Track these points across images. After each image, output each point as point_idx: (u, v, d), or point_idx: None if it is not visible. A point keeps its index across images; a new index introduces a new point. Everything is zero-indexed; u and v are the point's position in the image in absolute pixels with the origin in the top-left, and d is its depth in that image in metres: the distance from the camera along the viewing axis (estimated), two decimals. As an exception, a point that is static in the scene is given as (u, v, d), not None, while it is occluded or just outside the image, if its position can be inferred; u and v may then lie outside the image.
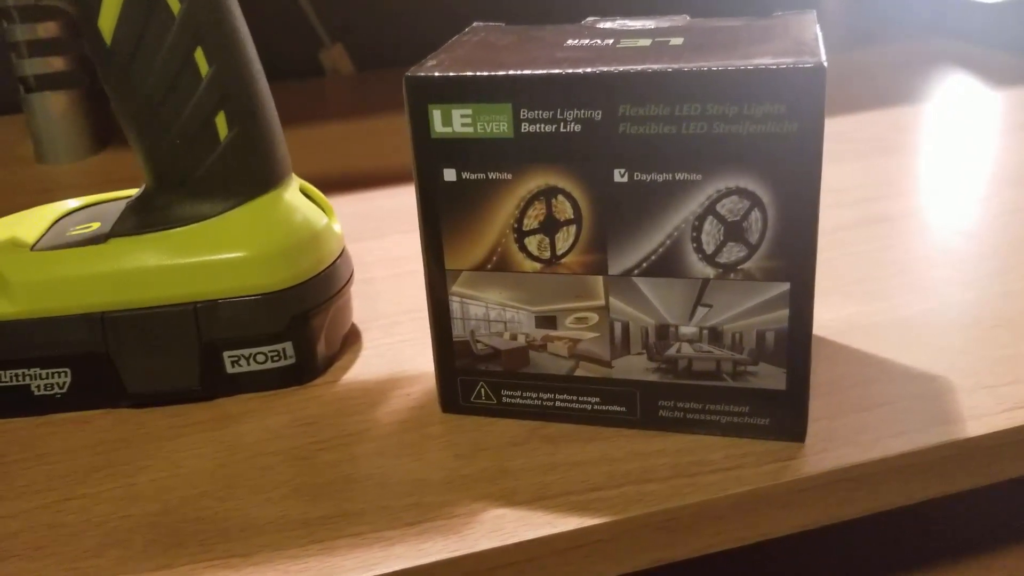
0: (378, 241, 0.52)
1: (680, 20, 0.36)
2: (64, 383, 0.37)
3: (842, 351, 0.38)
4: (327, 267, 0.38)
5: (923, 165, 0.58)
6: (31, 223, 0.39)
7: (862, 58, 0.84)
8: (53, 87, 0.68)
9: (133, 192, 0.41)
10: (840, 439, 0.33)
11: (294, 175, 0.40)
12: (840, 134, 0.65)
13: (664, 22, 0.35)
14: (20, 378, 0.37)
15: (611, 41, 0.33)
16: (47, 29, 0.67)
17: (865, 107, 0.70)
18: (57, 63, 0.68)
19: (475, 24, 0.38)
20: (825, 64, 0.28)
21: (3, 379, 0.37)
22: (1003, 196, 0.52)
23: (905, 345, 0.38)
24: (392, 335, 0.42)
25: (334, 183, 0.62)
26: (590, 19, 0.37)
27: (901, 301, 0.42)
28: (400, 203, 0.58)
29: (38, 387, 0.37)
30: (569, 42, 0.34)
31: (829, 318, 0.40)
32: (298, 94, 0.85)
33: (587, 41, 0.34)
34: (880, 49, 0.86)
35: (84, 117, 0.70)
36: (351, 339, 0.42)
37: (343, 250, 0.40)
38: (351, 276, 0.40)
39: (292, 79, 0.88)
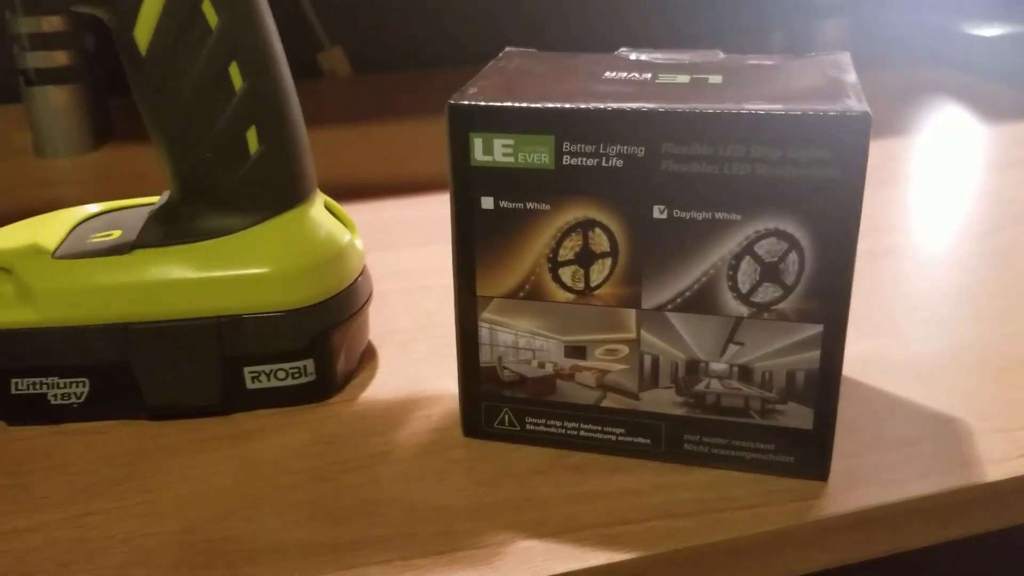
0: (388, 253, 0.52)
1: (712, 55, 0.36)
2: (82, 393, 0.36)
3: (857, 388, 0.38)
4: (349, 284, 0.38)
5: (923, 198, 0.58)
6: (50, 228, 0.39)
7: (861, 88, 0.84)
8: (54, 81, 0.68)
9: (151, 200, 0.41)
10: (862, 479, 0.33)
11: (319, 191, 0.40)
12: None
13: (697, 57, 0.36)
14: (37, 386, 0.36)
15: (649, 75, 0.33)
16: (51, 23, 0.66)
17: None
18: (60, 57, 0.67)
19: (508, 49, 0.38)
20: (870, 112, 0.29)
21: (20, 387, 0.36)
22: (1007, 233, 0.53)
23: (919, 383, 0.39)
24: (408, 352, 0.42)
25: (330, 188, 0.62)
26: (623, 50, 0.37)
27: (913, 337, 0.42)
28: (407, 214, 0.58)
29: (55, 396, 0.36)
30: (607, 74, 0.34)
31: (843, 353, 0.41)
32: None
33: (625, 74, 0.34)
34: (878, 79, 0.87)
35: (85, 112, 0.70)
36: (366, 355, 0.41)
37: (364, 267, 0.40)
38: (371, 293, 0.40)
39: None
